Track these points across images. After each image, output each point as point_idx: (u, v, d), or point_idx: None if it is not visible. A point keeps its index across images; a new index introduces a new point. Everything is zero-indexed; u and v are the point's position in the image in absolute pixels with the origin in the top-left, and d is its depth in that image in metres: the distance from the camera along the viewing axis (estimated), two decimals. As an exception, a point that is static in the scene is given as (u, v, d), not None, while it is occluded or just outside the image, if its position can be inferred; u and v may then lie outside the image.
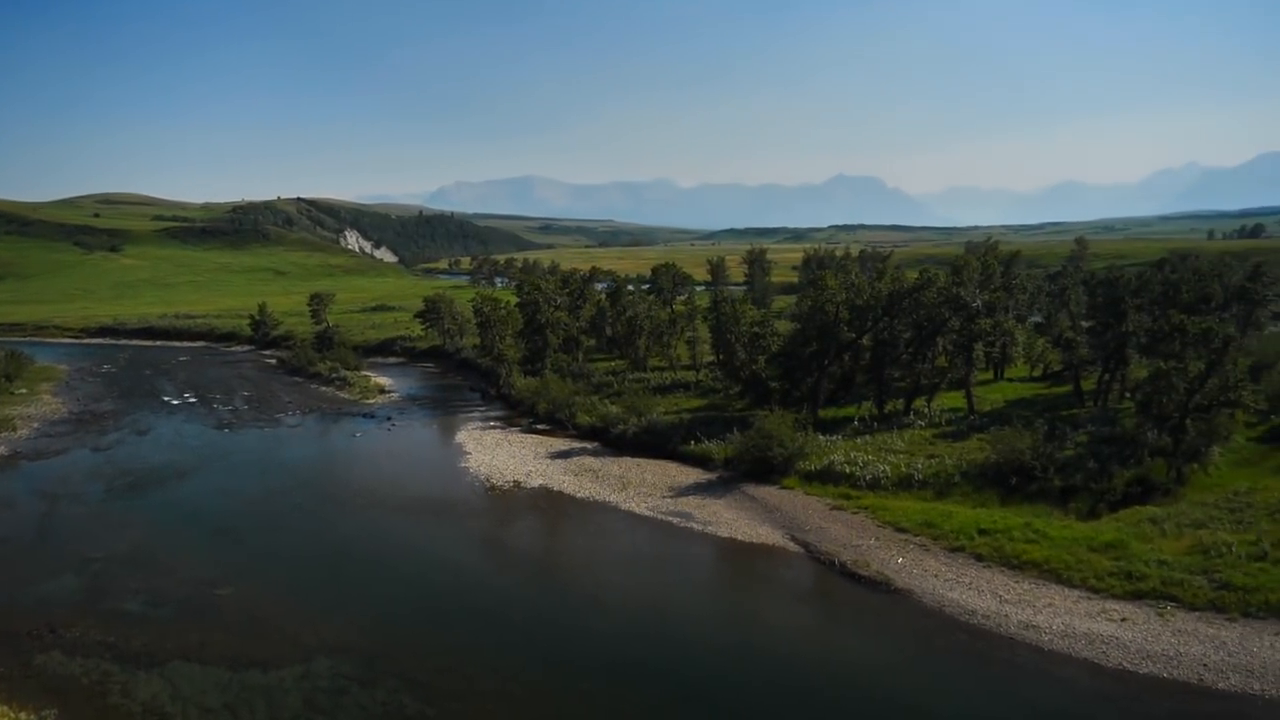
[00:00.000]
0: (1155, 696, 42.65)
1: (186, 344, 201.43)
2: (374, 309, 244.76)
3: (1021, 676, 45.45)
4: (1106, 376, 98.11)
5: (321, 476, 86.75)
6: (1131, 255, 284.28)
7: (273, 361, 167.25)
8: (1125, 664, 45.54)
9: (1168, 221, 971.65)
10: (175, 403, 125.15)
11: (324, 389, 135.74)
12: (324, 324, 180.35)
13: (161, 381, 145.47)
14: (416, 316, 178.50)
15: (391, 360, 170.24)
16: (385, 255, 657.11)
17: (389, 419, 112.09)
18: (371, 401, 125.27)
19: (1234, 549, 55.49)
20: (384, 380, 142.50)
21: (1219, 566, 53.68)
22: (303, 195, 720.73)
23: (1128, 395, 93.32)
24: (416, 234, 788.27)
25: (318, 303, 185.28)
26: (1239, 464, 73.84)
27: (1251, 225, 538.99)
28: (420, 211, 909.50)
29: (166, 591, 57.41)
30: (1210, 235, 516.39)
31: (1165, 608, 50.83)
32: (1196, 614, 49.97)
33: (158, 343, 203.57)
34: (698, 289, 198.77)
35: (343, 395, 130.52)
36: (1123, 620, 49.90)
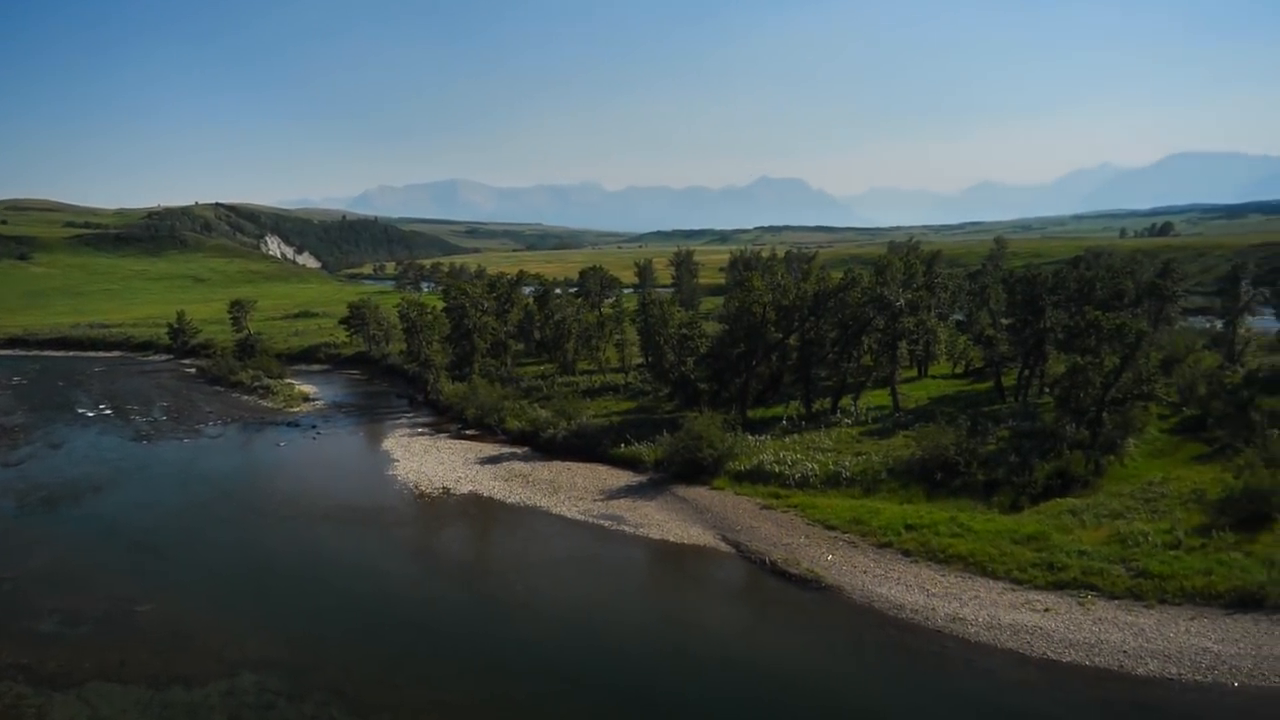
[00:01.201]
0: (1078, 684, 43.69)
1: (102, 354, 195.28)
2: (297, 315, 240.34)
3: (949, 668, 46.24)
4: (1026, 372, 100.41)
5: (244, 487, 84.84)
6: (1048, 254, 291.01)
7: (192, 371, 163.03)
8: (1049, 653, 46.57)
9: (1082, 221, 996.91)
10: (90, 415, 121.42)
11: (246, 398, 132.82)
12: (245, 331, 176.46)
13: (76, 393, 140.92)
14: (341, 323, 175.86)
15: (316, 368, 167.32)
16: (308, 261, 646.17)
17: (314, 427, 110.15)
18: (296, 410, 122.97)
19: (1150, 538, 57.22)
20: (308, 388, 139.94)
21: (1136, 555, 55.25)
22: (221, 200, 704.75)
23: (1047, 390, 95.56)
24: (340, 239, 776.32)
25: (239, 310, 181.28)
26: (1153, 455, 76.14)
27: (1161, 224, 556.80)
28: (343, 216, 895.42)
29: (84, 610, 55.65)
30: (1123, 234, 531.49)
31: (1086, 597, 52.12)
32: (1116, 602, 51.35)
33: (71, 353, 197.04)
34: (625, 292, 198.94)
35: (266, 404, 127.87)
36: (1046, 610, 51.02)
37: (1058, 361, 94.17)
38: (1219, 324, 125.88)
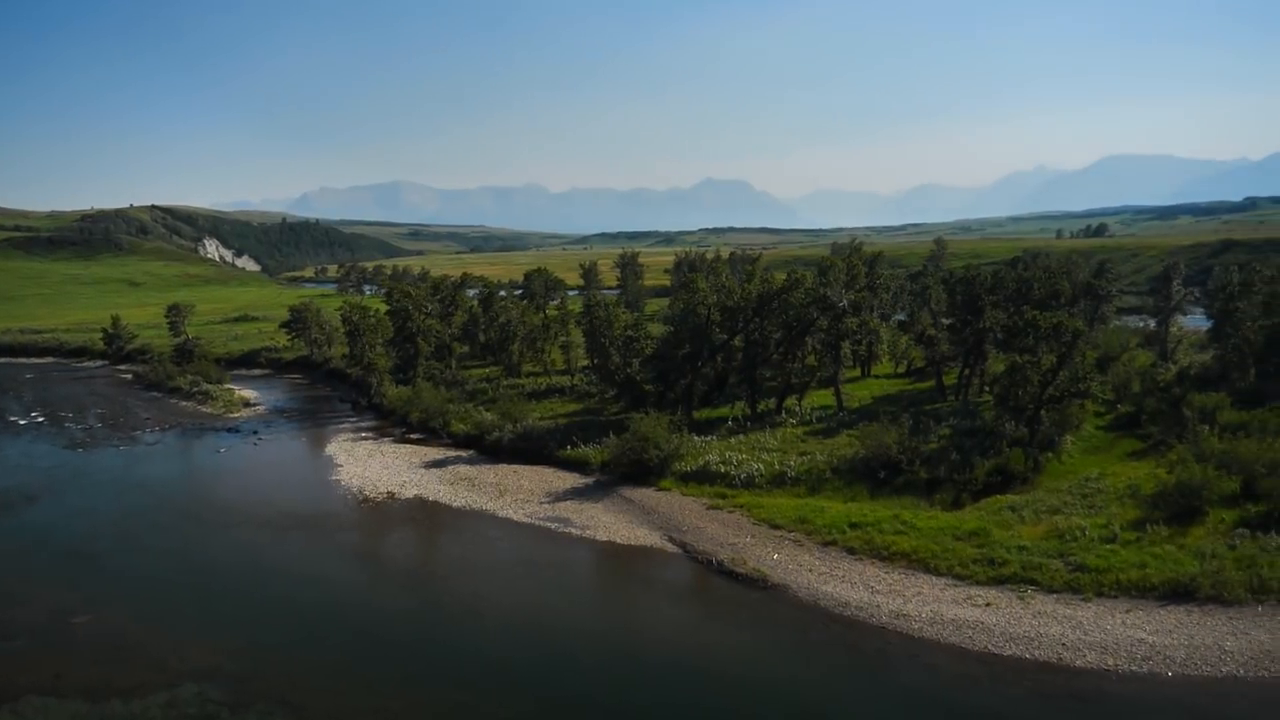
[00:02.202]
0: (1018, 677, 44.42)
1: (33, 360, 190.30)
2: (237, 319, 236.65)
3: (893, 664, 46.80)
4: (966, 371, 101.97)
5: (184, 495, 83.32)
6: (987, 254, 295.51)
7: (128, 377, 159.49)
8: (990, 647, 47.31)
9: (1019, 222, 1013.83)
10: (22, 422, 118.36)
11: (184, 404, 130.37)
12: (183, 336, 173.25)
13: (6, 400, 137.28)
14: (282, 326, 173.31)
15: (256, 372, 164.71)
16: (247, 264, 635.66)
17: (255, 433, 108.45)
18: (236, 415, 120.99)
19: (1087, 532, 58.42)
20: (249, 393, 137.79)
21: (1074, 550, 56.34)
22: (157, 203, 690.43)
23: (986, 389, 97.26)
24: (280, 242, 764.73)
25: (176, 314, 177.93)
26: (1089, 451, 77.78)
27: (1096, 225, 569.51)
28: (284, 219, 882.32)
29: (17, 622, 54.21)
30: (1059, 235, 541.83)
31: (1026, 591, 53.02)
32: (1055, 596, 52.30)
33: (1, 360, 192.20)
34: (570, 294, 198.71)
35: (205, 410, 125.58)
36: (987, 605, 51.83)
37: (997, 360, 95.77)
38: (1152, 323, 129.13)
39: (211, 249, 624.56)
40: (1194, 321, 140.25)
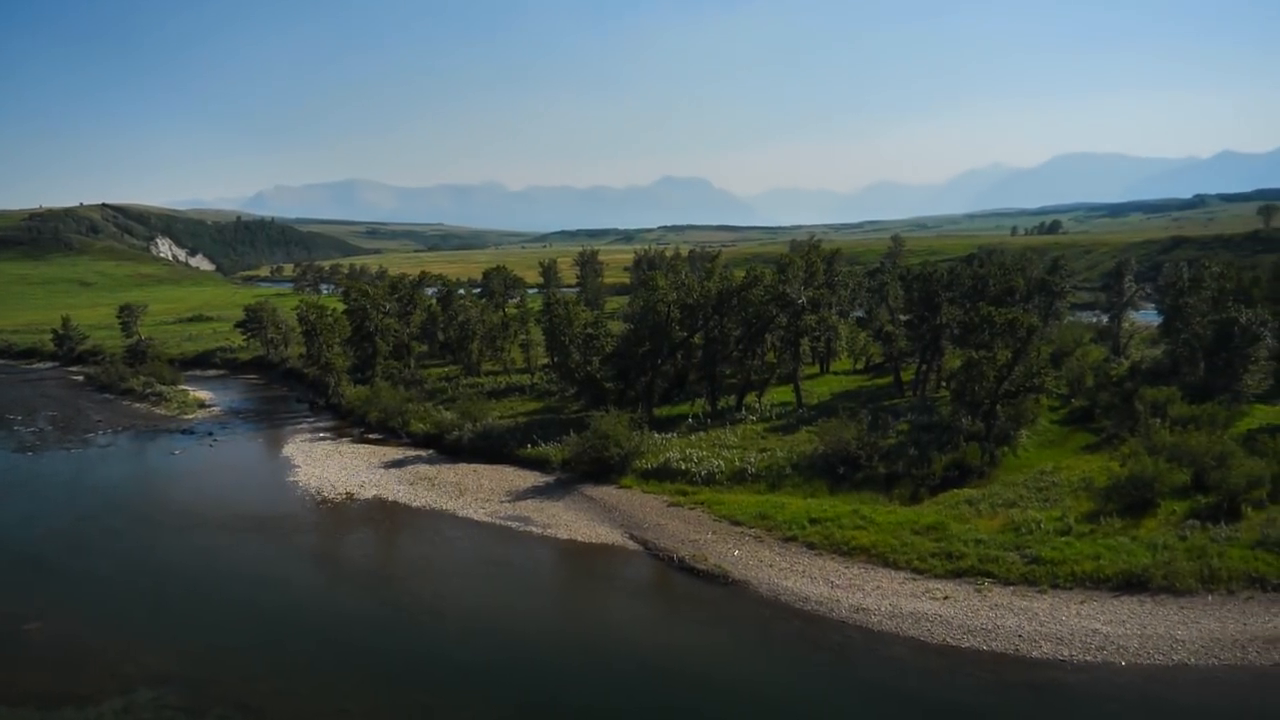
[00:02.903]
0: (976, 668, 44.96)
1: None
2: (191, 319, 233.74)
3: (853, 658, 47.17)
4: (924, 367, 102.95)
5: (138, 498, 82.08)
6: (943, 251, 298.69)
7: (80, 378, 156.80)
8: (949, 639, 47.84)
9: (975, 219, 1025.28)
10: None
11: (138, 405, 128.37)
12: (136, 337, 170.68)
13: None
14: (237, 326, 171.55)
15: (211, 373, 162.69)
16: (202, 263, 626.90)
17: (210, 434, 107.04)
18: (190, 417, 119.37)
19: (1042, 525, 59.27)
20: (204, 394, 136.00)
21: (1029, 542, 57.10)
22: (108, 201, 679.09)
23: (943, 384, 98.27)
24: (235, 240, 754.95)
25: (128, 314, 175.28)
26: (1044, 445, 78.87)
27: (1050, 222, 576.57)
28: (238, 217, 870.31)
29: (-36, 629, 53.17)
30: (1014, 231, 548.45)
31: (983, 584, 53.66)
32: (1011, 588, 52.98)
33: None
34: (530, 292, 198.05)
35: (159, 411, 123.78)
36: (945, 598, 52.39)
37: (953, 356, 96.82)
38: (1104, 318, 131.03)
39: (165, 248, 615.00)
40: (1145, 317, 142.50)
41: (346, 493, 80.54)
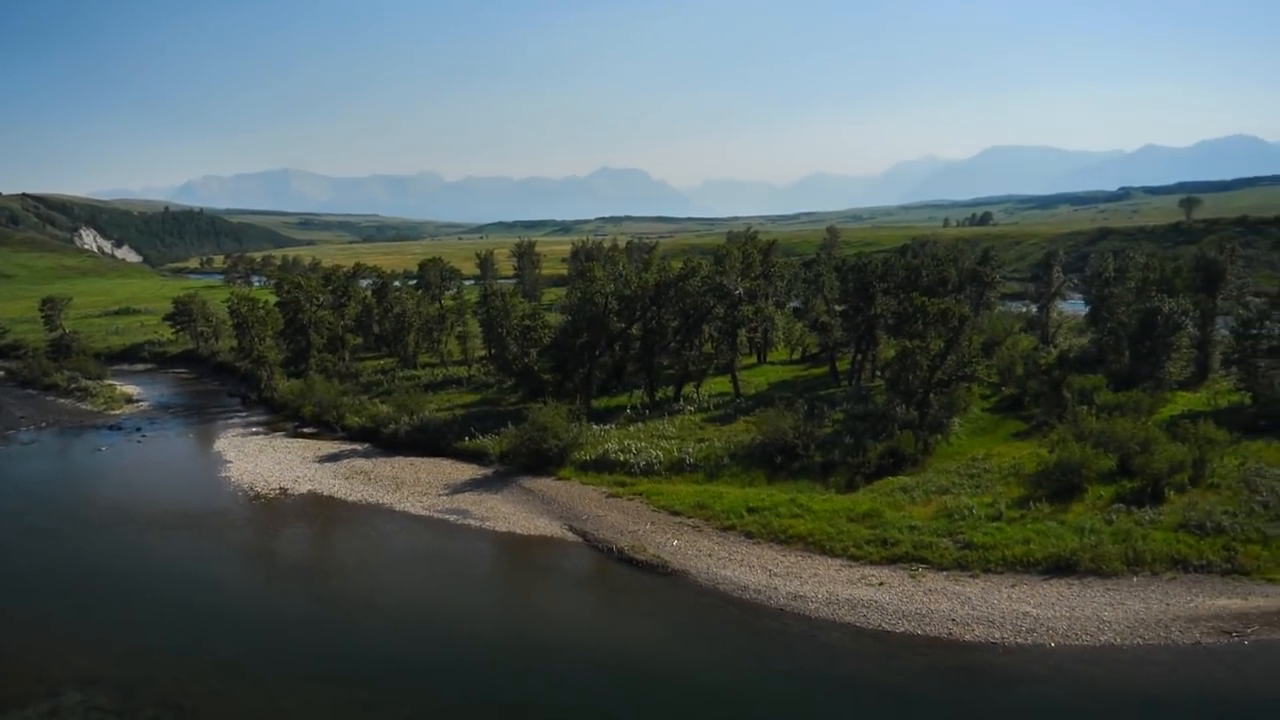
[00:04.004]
0: (910, 653, 45.71)
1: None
2: (118, 313, 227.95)
3: (790, 644, 47.66)
4: (859, 356, 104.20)
5: (62, 495, 79.94)
6: (878, 242, 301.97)
7: (0, 374, 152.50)
8: (884, 625, 48.56)
9: (909, 211, 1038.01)
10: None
11: (62, 401, 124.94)
12: (60, 330, 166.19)
13: None
14: (166, 319, 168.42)
15: (139, 367, 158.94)
16: (128, 255, 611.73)
17: (138, 430, 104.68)
18: (118, 412, 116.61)
19: (974, 511, 60.40)
20: (131, 389, 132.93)
21: (962, 528, 58.19)
22: (29, 191, 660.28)
23: (878, 373, 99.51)
24: (163, 232, 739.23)
25: (51, 307, 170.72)
26: (976, 433, 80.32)
27: (981, 214, 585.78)
28: (166, 208, 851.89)
29: (-121, 634, 51.40)
30: (946, 223, 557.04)
31: (917, 570, 54.54)
32: (944, 573, 53.92)
33: None
34: (467, 283, 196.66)
35: (84, 407, 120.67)
36: (880, 584, 53.15)
37: (888, 346, 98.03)
38: (1034, 308, 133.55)
39: (89, 239, 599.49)
40: (1073, 306, 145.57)
41: (280, 488, 79.32)
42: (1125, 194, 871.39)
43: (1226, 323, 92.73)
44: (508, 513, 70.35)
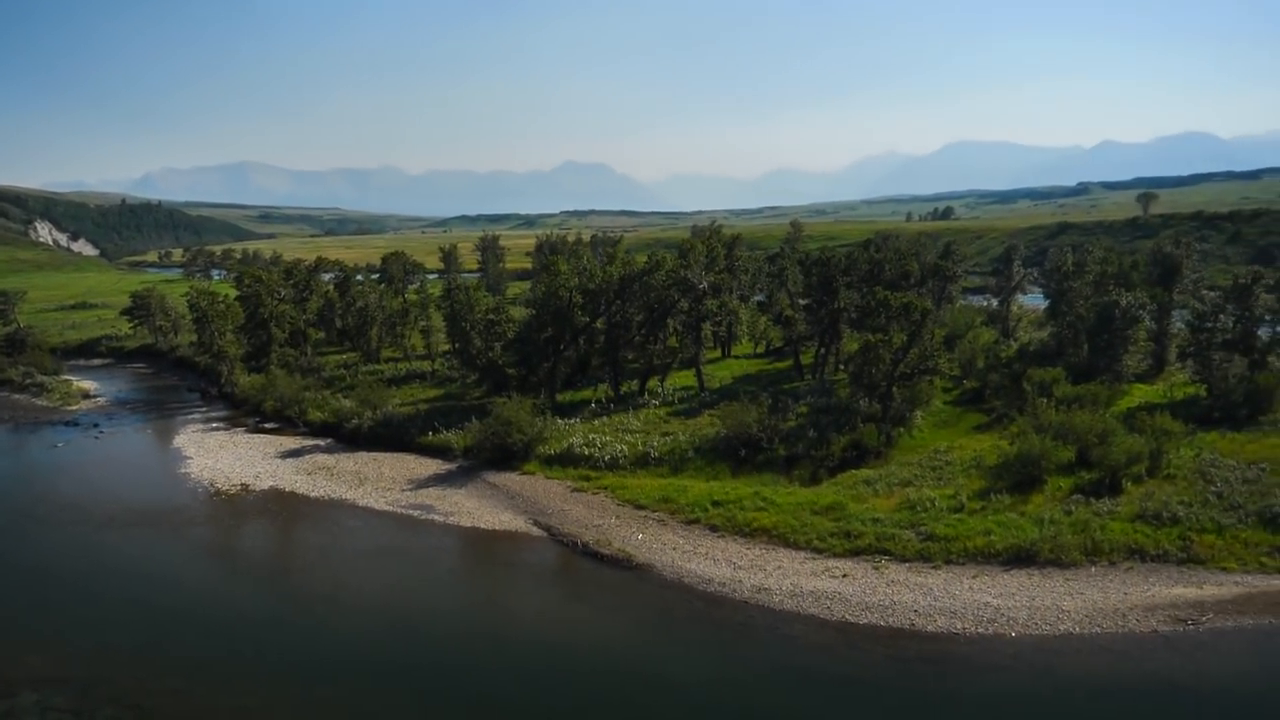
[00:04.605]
0: (873, 644, 46.08)
1: None
2: (74, 307, 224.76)
3: (754, 637, 47.90)
4: (823, 350, 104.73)
5: (18, 493, 78.66)
6: (841, 236, 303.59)
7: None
8: (847, 616, 48.92)
9: (872, 205, 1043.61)
10: None
11: (17, 397, 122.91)
12: (14, 325, 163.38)
13: None
14: (124, 314, 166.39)
15: (97, 362, 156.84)
16: (85, 248, 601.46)
17: (96, 426, 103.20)
18: (75, 408, 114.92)
19: (936, 503, 60.99)
20: (89, 384, 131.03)
21: (924, 520, 58.73)
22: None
23: (842, 367, 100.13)
24: (120, 225, 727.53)
25: (5, 301, 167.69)
26: (938, 425, 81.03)
27: (943, 208, 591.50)
28: (123, 200, 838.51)
29: None
30: (908, 217, 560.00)
31: (880, 561, 54.98)
32: (907, 565, 54.41)
33: None
34: (430, 277, 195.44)
35: (40, 403, 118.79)
36: (844, 576, 53.52)
37: (851, 339, 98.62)
38: (994, 302, 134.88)
39: (44, 232, 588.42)
40: (1033, 300, 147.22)
41: (241, 484, 78.52)
42: (1084, 189, 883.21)
43: (1182, 316, 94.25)
44: (472, 508, 70.10)
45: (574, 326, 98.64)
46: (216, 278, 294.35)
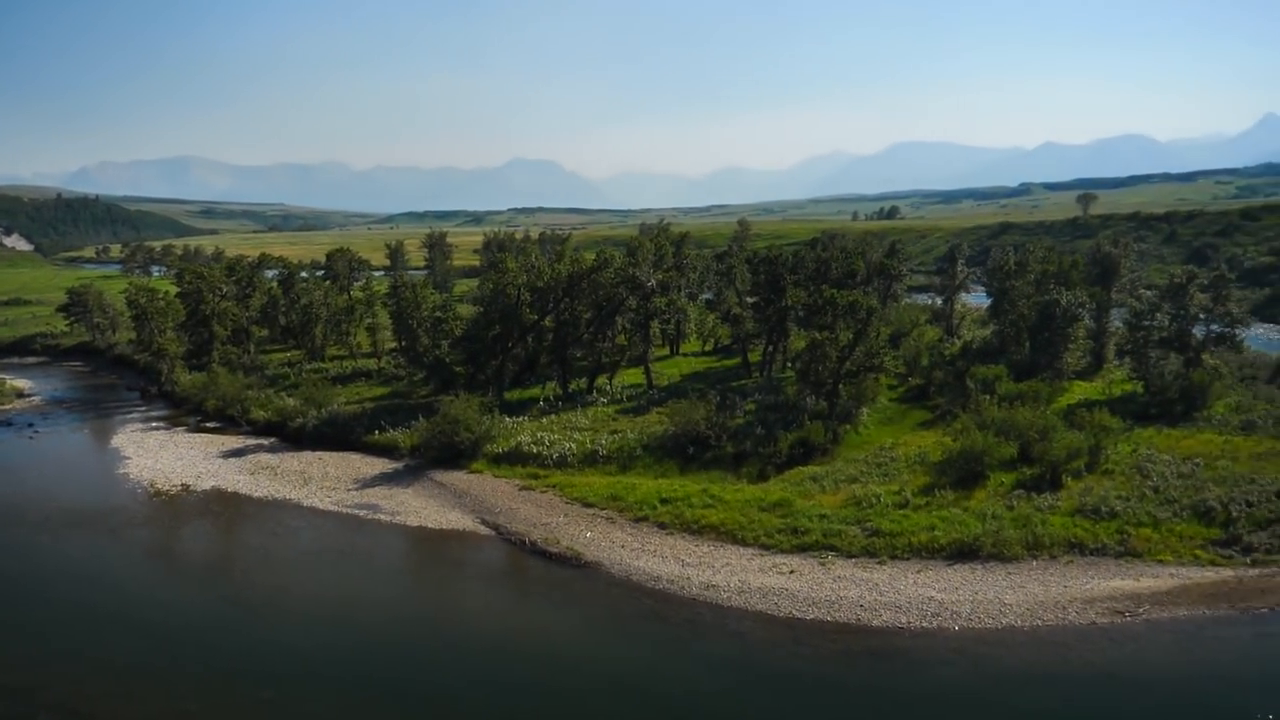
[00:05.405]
0: (820, 639, 46.45)
1: None
2: (7, 303, 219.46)
3: (702, 633, 48.07)
4: (770, 348, 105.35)
5: (-52, 494, 76.55)
6: (788, 235, 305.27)
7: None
8: (794, 612, 49.25)
9: (818, 204, 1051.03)
10: None
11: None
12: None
13: None
14: (59, 311, 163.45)
15: (30, 360, 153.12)
16: (18, 243, 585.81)
17: (30, 425, 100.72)
18: (8, 407, 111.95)
19: (882, 499, 61.66)
20: (22, 383, 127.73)
21: (870, 516, 59.32)
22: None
23: (789, 365, 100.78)
24: (56, 219, 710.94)
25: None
26: (884, 422, 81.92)
27: (888, 208, 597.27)
28: (59, 194, 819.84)
29: None
30: (855, 217, 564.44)
31: (827, 557, 55.43)
32: (853, 560, 54.92)
33: None
34: (376, 274, 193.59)
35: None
36: (791, 572, 53.90)
37: (798, 337, 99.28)
38: (939, 300, 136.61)
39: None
40: (976, 299, 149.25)
41: (182, 484, 77.16)
42: (1026, 190, 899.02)
43: (1120, 315, 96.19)
44: (419, 507, 69.55)
45: (522, 324, 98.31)
46: (156, 274, 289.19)
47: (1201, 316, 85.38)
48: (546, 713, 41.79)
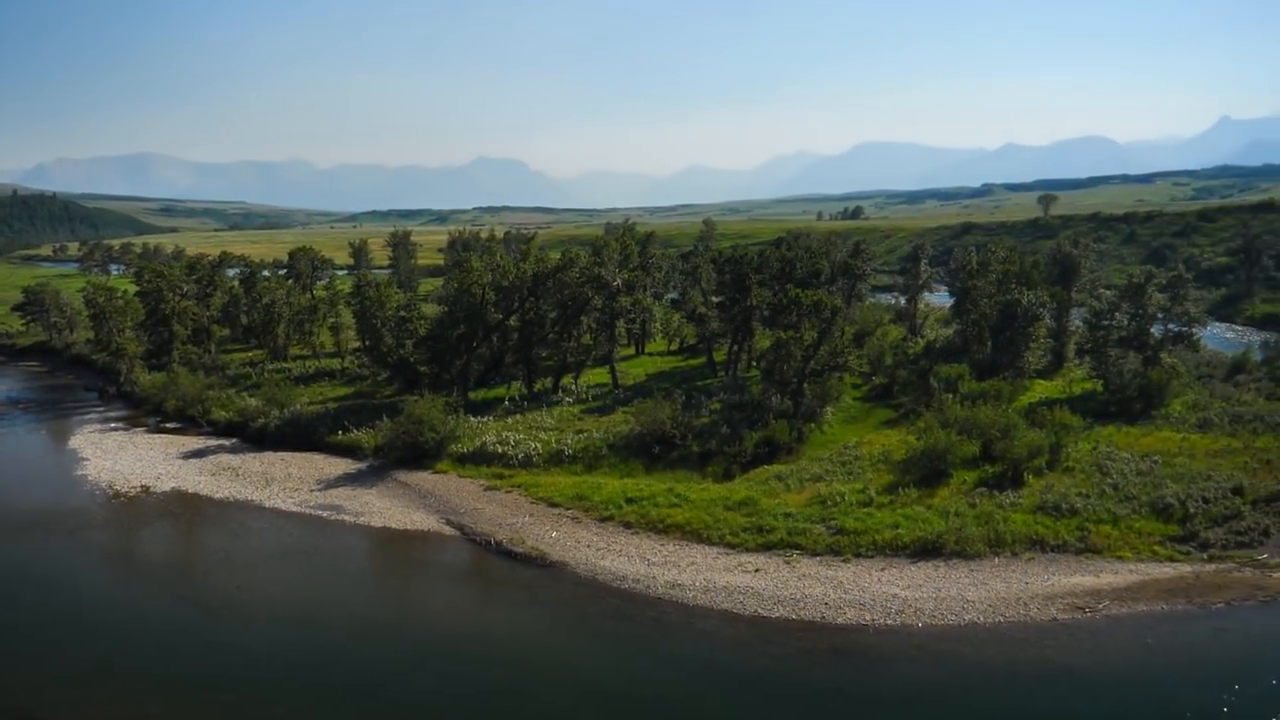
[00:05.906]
0: (785, 637, 46.64)
1: None
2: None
3: (667, 632, 48.10)
4: (735, 347, 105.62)
5: (-100, 497, 75.10)
6: (753, 235, 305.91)
7: None
8: (760, 610, 49.41)
9: (783, 204, 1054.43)
10: None
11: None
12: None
13: None
14: (15, 309, 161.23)
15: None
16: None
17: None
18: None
19: (846, 498, 62.03)
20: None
21: (834, 514, 59.65)
22: None
23: (754, 364, 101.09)
24: (11, 217, 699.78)
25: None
26: (848, 421, 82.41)
27: (853, 208, 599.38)
28: (14, 191, 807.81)
29: None
30: (819, 216, 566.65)
31: (792, 556, 55.66)
32: (818, 558, 55.17)
33: None
34: (340, 273, 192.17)
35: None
36: (756, 571, 54.06)
37: (763, 337, 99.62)
38: (902, 300, 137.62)
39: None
40: (939, 298, 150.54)
41: (142, 485, 76.15)
42: (988, 190, 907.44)
43: (1080, 314, 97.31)
44: (383, 507, 69.07)
45: (487, 324, 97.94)
46: (115, 273, 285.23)
47: (1160, 316, 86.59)
48: (513, 714, 41.69)
